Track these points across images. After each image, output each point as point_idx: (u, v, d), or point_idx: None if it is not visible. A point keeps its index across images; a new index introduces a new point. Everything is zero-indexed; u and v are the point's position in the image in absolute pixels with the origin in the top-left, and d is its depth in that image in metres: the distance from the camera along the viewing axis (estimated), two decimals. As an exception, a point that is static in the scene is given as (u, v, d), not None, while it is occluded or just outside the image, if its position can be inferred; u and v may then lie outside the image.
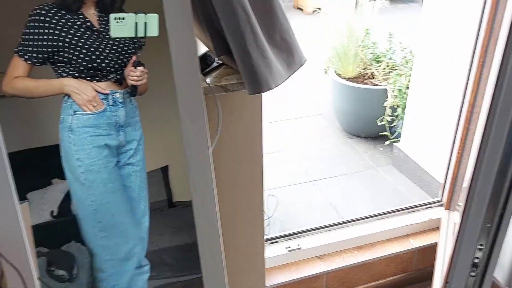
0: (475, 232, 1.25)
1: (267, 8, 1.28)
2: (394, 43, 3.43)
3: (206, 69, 1.40)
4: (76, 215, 1.59)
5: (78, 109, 1.42)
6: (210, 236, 1.33)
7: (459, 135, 2.15)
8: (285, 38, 1.30)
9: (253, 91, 1.24)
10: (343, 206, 2.73)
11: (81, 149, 1.44)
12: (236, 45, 1.21)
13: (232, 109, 1.43)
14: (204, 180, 1.23)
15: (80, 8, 1.41)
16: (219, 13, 1.20)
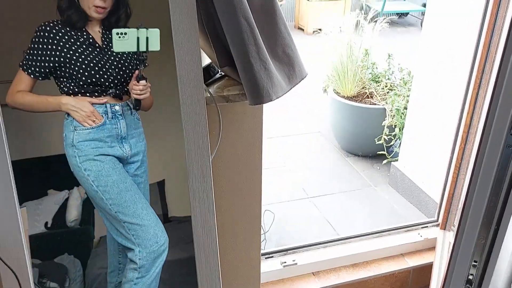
0: (469, 248, 1.26)
1: (271, 23, 1.31)
2: (393, 64, 3.48)
3: (209, 80, 1.42)
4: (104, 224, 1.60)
5: (78, 125, 1.45)
6: (208, 244, 1.33)
7: (456, 155, 2.17)
8: (287, 52, 1.33)
9: (254, 102, 1.27)
10: (339, 223, 2.74)
11: (86, 159, 1.47)
12: (239, 56, 1.24)
13: (233, 120, 1.45)
14: (204, 189, 1.25)
15: (85, 25, 1.44)
16: (224, 25, 1.24)
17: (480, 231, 1.23)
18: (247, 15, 1.21)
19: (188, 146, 1.24)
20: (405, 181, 2.95)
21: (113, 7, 1.43)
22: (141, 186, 1.63)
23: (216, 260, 1.39)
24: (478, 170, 1.20)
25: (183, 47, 1.21)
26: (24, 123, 2.10)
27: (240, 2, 1.20)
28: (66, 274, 1.99)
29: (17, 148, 2.08)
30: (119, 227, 1.54)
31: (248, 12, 1.22)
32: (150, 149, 1.71)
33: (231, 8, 1.20)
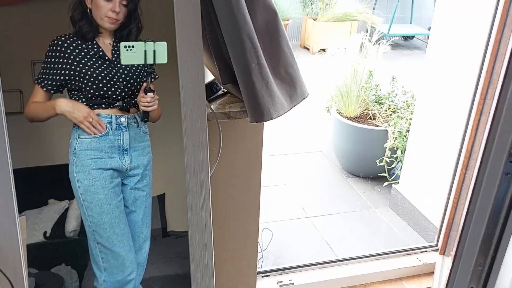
0: (466, 274, 1.25)
1: (274, 43, 1.33)
2: (397, 86, 3.49)
3: (211, 96, 1.43)
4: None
5: (82, 133, 1.47)
6: (204, 260, 1.33)
7: (457, 180, 2.16)
8: (289, 72, 1.34)
9: (255, 119, 1.28)
10: (337, 244, 2.72)
11: (81, 170, 1.49)
12: (241, 74, 1.26)
13: (234, 137, 1.46)
14: (202, 204, 1.25)
15: (95, 37, 1.47)
16: (228, 44, 1.25)
17: (478, 258, 1.22)
18: (251, 34, 1.23)
19: (188, 160, 1.25)
20: (405, 204, 2.93)
21: (125, 20, 1.46)
22: (143, 200, 1.63)
23: (211, 276, 1.39)
24: (476, 196, 1.20)
25: (187, 63, 1.22)
26: (28, 132, 2.12)
27: (245, 22, 1.22)
28: (62, 285, 1.97)
29: (21, 157, 2.09)
30: (93, 247, 1.56)
31: (252, 32, 1.24)
32: (152, 163, 1.71)
33: (235, 27, 1.22)
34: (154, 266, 2.11)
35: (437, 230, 2.38)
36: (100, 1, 1.40)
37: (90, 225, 1.53)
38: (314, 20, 6.68)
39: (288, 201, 3.18)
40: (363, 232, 2.86)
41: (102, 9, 1.41)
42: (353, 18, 6.55)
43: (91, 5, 1.43)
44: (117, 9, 1.41)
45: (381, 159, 3.17)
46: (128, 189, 1.60)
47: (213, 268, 1.37)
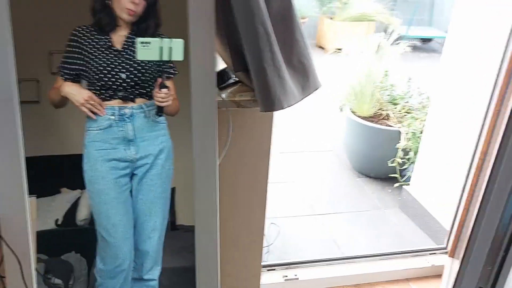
0: (475, 277, 1.23)
1: (288, 31, 1.31)
2: (412, 87, 3.45)
3: (222, 84, 1.42)
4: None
5: (90, 125, 1.51)
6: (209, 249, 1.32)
7: (469, 183, 2.13)
8: (302, 61, 1.33)
9: (265, 108, 1.26)
10: (345, 243, 2.69)
11: (87, 161, 1.54)
12: (253, 62, 1.24)
13: (243, 126, 1.45)
14: (209, 189, 1.24)
15: (113, 30, 1.48)
16: (241, 31, 1.24)
17: (487, 260, 1.20)
18: (265, 22, 1.22)
19: (196, 148, 1.24)
20: (415, 206, 2.90)
21: (144, 13, 1.46)
22: (151, 189, 1.63)
23: (215, 267, 1.38)
24: (488, 198, 1.18)
25: (199, 50, 1.22)
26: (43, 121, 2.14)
27: (259, 10, 1.21)
28: (71, 272, 1.99)
29: (36, 145, 2.12)
30: (97, 235, 1.61)
31: (266, 20, 1.22)
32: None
33: (249, 14, 1.21)
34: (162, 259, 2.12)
35: (447, 233, 2.34)
36: None
37: (93, 212, 1.59)
38: (331, 19, 6.63)
39: (296, 198, 3.16)
40: (371, 232, 2.83)
41: (122, 0, 1.41)
42: (371, 19, 6.49)
43: None
44: (136, 0, 1.41)
45: (393, 160, 3.13)
46: (137, 178, 1.61)
47: (218, 259, 1.37)
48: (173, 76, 1.56)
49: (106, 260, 1.64)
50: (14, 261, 1.15)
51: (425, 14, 7.29)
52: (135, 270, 1.75)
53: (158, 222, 1.68)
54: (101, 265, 1.65)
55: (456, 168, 2.48)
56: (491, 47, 2.19)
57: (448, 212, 2.37)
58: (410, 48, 3.73)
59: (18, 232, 1.17)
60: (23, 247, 1.18)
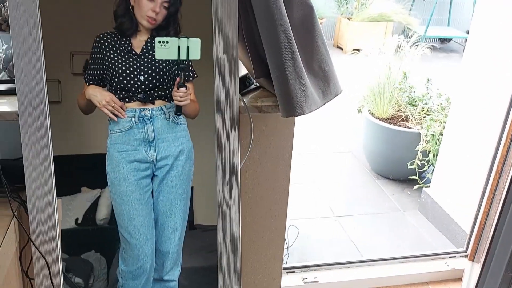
0: (496, 281, 1.23)
1: (309, 38, 1.33)
2: (431, 89, 3.43)
3: (244, 90, 1.44)
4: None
5: (112, 128, 1.53)
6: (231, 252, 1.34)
7: (490, 186, 2.12)
8: (323, 67, 1.34)
9: (287, 114, 1.28)
10: (364, 245, 2.69)
11: (109, 163, 1.56)
12: (275, 68, 1.26)
13: (265, 131, 1.47)
14: (231, 196, 1.26)
15: (133, 34, 1.51)
16: (263, 38, 1.26)
17: (508, 264, 1.19)
18: (286, 29, 1.24)
19: (219, 153, 1.27)
20: (435, 208, 2.88)
21: (164, 22, 1.49)
22: (172, 190, 1.66)
23: (238, 268, 1.41)
24: (510, 201, 1.18)
25: (221, 56, 1.24)
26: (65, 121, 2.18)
27: (281, 16, 1.23)
28: (91, 271, 2.03)
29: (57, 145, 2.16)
30: (120, 235, 1.64)
31: (287, 26, 1.24)
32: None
33: (271, 21, 1.23)
34: (181, 259, 2.15)
35: (467, 236, 2.33)
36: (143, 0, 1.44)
37: (115, 214, 1.62)
38: (349, 19, 6.61)
39: (315, 199, 3.17)
40: (390, 234, 2.83)
41: (143, 8, 1.44)
42: (389, 19, 6.45)
43: (134, 3, 1.47)
44: (157, 9, 1.44)
45: (412, 162, 3.12)
46: (158, 180, 1.64)
47: (240, 261, 1.39)
48: (192, 79, 1.58)
49: (128, 262, 1.67)
50: (43, 263, 1.19)
51: (443, 14, 7.20)
52: (156, 270, 1.78)
53: (178, 223, 1.71)
54: (123, 266, 1.69)
55: (476, 171, 2.46)
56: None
57: (468, 215, 2.35)
58: (429, 50, 3.71)
59: (47, 235, 1.21)
60: (51, 250, 1.22)
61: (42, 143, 1.17)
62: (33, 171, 1.17)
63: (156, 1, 1.43)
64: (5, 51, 1.50)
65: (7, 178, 1.27)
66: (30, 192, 1.17)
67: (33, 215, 1.18)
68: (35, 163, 1.18)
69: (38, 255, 1.13)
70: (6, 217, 1.22)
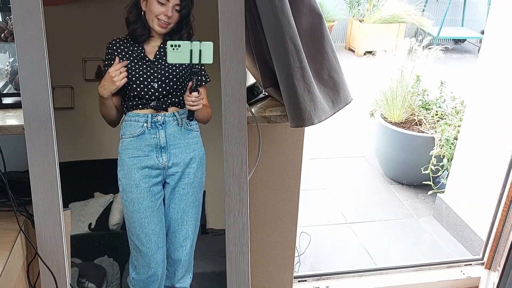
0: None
1: (318, 46, 1.30)
2: (445, 92, 3.37)
3: (252, 99, 1.42)
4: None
5: (124, 133, 1.52)
6: (240, 262, 1.32)
7: (506, 192, 2.07)
8: (333, 76, 1.31)
9: (296, 124, 1.26)
10: (377, 252, 2.65)
11: (121, 169, 1.55)
12: (283, 78, 1.24)
13: (273, 141, 1.45)
14: (239, 207, 1.24)
15: (146, 40, 1.50)
16: (271, 47, 1.24)
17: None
18: (294, 38, 1.21)
19: (227, 163, 1.25)
20: (450, 214, 2.83)
21: (177, 25, 1.47)
22: (183, 198, 1.64)
23: (247, 278, 1.38)
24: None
25: (229, 66, 1.23)
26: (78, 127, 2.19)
27: (289, 25, 1.21)
28: (104, 276, 2.03)
29: (71, 150, 2.17)
30: (129, 243, 1.63)
31: (295, 35, 1.22)
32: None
33: (279, 30, 1.21)
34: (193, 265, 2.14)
35: (483, 243, 2.28)
36: (154, 3, 1.43)
37: (126, 221, 1.60)
38: (361, 21, 6.56)
39: (327, 205, 3.14)
40: (404, 241, 2.78)
41: (155, 12, 1.43)
42: (401, 20, 6.38)
43: (145, 8, 1.46)
44: (169, 13, 1.43)
45: (426, 167, 3.07)
46: (170, 187, 1.62)
47: (249, 271, 1.37)
48: (205, 83, 1.56)
49: (139, 270, 1.66)
50: (50, 277, 1.18)
51: (457, 14, 7.11)
52: (167, 278, 1.77)
53: (190, 230, 1.70)
54: (134, 274, 1.68)
55: (492, 176, 2.41)
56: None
57: (484, 221, 2.30)
58: (442, 52, 3.65)
59: (54, 249, 1.20)
60: (58, 264, 1.21)
61: (47, 156, 1.16)
62: (39, 184, 1.17)
63: (167, 5, 1.42)
64: (11, 64, 1.50)
65: (15, 191, 1.27)
66: (36, 206, 1.17)
67: (40, 229, 1.18)
68: (41, 176, 1.17)
69: (45, 269, 1.12)
70: (13, 231, 1.21)
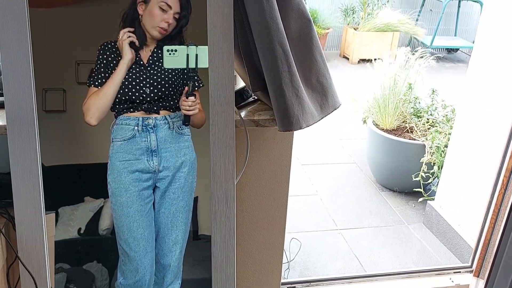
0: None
1: (307, 51, 1.31)
2: (436, 100, 3.39)
3: (241, 103, 1.43)
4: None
5: (115, 137, 1.51)
6: (226, 268, 1.32)
7: (495, 200, 2.08)
8: (321, 81, 1.32)
9: (284, 128, 1.26)
10: (367, 259, 2.65)
11: (111, 173, 1.54)
12: (272, 82, 1.24)
13: (262, 145, 1.45)
14: (226, 212, 1.24)
15: (142, 45, 1.50)
16: (260, 51, 1.24)
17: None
18: (283, 42, 1.22)
19: (214, 167, 1.25)
20: (440, 222, 2.83)
21: (172, 32, 1.48)
22: (173, 203, 1.63)
23: (233, 283, 1.38)
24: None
25: (217, 69, 1.23)
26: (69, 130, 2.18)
27: (277, 29, 1.21)
28: (93, 282, 2.01)
29: (61, 154, 2.16)
30: (118, 248, 1.61)
31: (284, 39, 1.22)
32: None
33: (267, 34, 1.21)
34: (183, 269, 2.12)
35: (472, 251, 2.28)
36: (155, 10, 1.43)
37: (115, 225, 1.59)
38: (355, 29, 6.60)
39: (318, 212, 3.14)
40: (394, 248, 2.78)
41: (156, 18, 1.43)
42: (395, 29, 6.43)
43: (143, 12, 1.46)
44: (170, 20, 1.43)
45: (417, 174, 3.08)
46: (160, 192, 1.61)
47: (235, 277, 1.36)
48: (197, 88, 1.55)
49: (126, 274, 1.65)
50: (30, 281, 1.17)
51: (450, 24, 7.18)
52: (156, 284, 1.75)
53: (180, 235, 1.69)
54: (121, 279, 1.66)
55: (481, 184, 2.42)
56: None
57: (473, 229, 2.31)
58: (435, 61, 3.67)
59: (35, 252, 1.19)
60: (39, 267, 1.20)
61: (30, 158, 1.15)
62: (21, 186, 1.16)
63: (169, 12, 1.42)
64: (-4, 64, 1.48)
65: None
66: (17, 208, 1.15)
67: (21, 232, 1.16)
68: (23, 178, 1.16)
69: (26, 273, 1.11)
70: (-6, 233, 1.20)
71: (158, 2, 1.42)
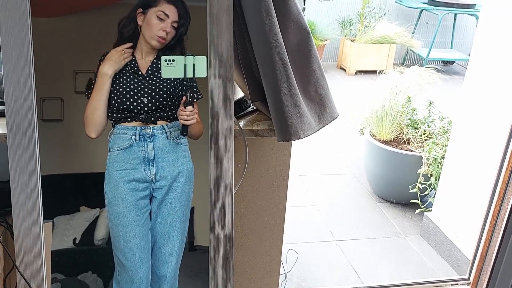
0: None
1: (305, 62, 1.32)
2: (433, 112, 3.41)
3: (240, 113, 1.43)
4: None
5: (112, 146, 1.51)
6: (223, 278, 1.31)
7: (492, 212, 2.08)
8: (319, 92, 1.33)
9: (282, 138, 1.27)
10: (364, 270, 2.64)
11: (108, 183, 1.54)
12: (271, 93, 1.25)
13: (260, 155, 1.45)
14: (224, 222, 1.24)
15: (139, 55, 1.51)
16: (259, 62, 1.26)
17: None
18: (282, 53, 1.23)
19: (212, 177, 1.25)
20: (437, 233, 2.83)
21: (172, 42, 1.49)
22: (170, 213, 1.63)
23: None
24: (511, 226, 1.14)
25: (217, 79, 1.23)
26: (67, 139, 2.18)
27: (276, 41, 1.22)
28: (87, 293, 1.99)
29: (58, 163, 2.15)
30: (114, 258, 1.60)
31: (283, 51, 1.23)
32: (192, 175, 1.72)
33: (267, 46, 1.22)
34: (179, 280, 2.10)
35: (470, 263, 2.28)
36: (153, 19, 1.44)
37: (111, 235, 1.58)
38: (352, 41, 6.65)
39: (315, 222, 3.13)
40: (391, 259, 2.78)
41: (154, 28, 1.44)
42: (392, 41, 6.48)
43: (142, 22, 1.47)
44: (168, 29, 1.44)
45: (414, 185, 3.09)
46: (157, 202, 1.61)
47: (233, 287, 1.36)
48: (196, 100, 1.56)
49: (122, 285, 1.64)
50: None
51: (446, 37, 7.24)
52: None
53: (176, 246, 1.68)
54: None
55: (478, 196, 2.42)
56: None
57: (471, 241, 2.31)
58: (432, 73, 3.70)
59: (33, 261, 1.18)
60: (36, 276, 1.19)
61: (30, 167, 1.15)
62: (20, 195, 1.15)
63: (166, 21, 1.43)
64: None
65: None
66: (16, 216, 1.15)
67: (19, 240, 1.16)
68: (22, 187, 1.16)
69: (23, 281, 1.10)
70: (-8, 242, 1.19)
71: (156, 12, 1.43)
